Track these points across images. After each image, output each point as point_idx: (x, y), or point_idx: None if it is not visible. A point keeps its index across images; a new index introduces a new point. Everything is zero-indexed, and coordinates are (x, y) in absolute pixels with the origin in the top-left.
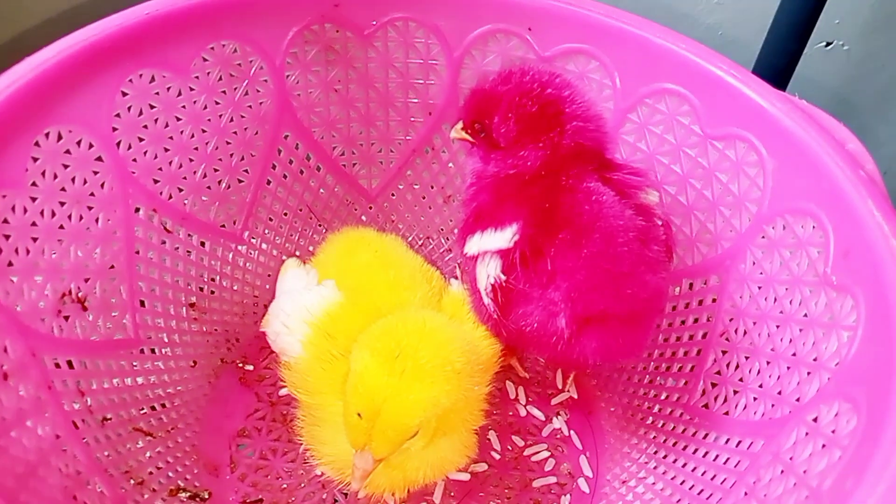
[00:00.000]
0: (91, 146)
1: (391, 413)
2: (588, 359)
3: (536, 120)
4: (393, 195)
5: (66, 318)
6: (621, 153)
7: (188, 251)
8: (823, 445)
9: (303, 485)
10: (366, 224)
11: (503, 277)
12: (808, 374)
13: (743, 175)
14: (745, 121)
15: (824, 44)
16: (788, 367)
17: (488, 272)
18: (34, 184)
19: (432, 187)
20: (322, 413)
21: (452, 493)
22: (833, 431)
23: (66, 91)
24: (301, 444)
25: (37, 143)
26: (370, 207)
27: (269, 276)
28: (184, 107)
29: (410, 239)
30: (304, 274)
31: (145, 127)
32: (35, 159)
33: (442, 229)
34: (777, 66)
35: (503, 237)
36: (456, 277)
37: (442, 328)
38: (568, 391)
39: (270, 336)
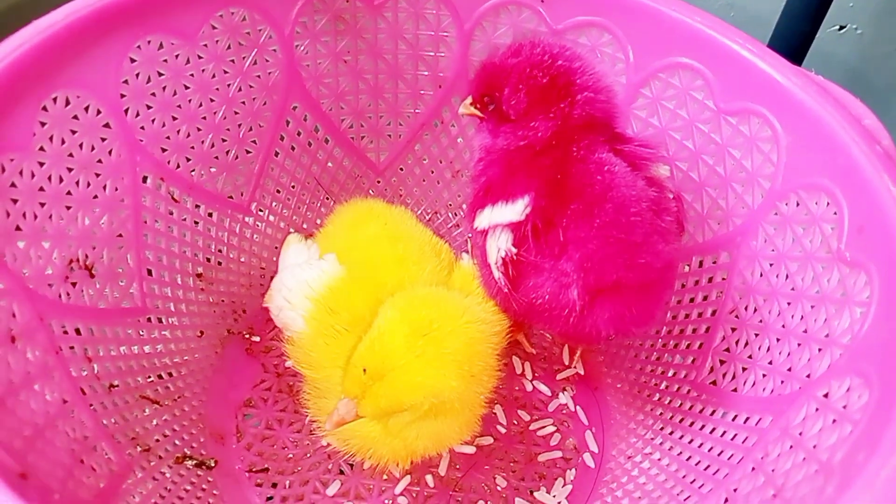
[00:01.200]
0: (99, 112)
1: (393, 384)
2: (601, 330)
3: (547, 91)
4: (401, 169)
5: (74, 284)
6: (633, 128)
7: (195, 221)
8: (834, 420)
9: (309, 455)
10: (373, 198)
11: (514, 250)
12: (819, 350)
13: (756, 150)
14: (760, 95)
15: (837, 27)
16: (799, 344)
17: (499, 245)
18: (42, 148)
19: (441, 161)
20: (327, 385)
21: (458, 466)
22: (844, 407)
23: (73, 56)
24: (307, 414)
25: (44, 108)
26: (378, 181)
27: (276, 247)
28: (192, 75)
29: (418, 213)
30: (306, 249)
31: (153, 94)
32: (43, 124)
33: (450, 204)
34: (790, 48)
35: (514, 210)
36: (466, 252)
37: (478, 325)
38: (574, 367)
39: (273, 311)
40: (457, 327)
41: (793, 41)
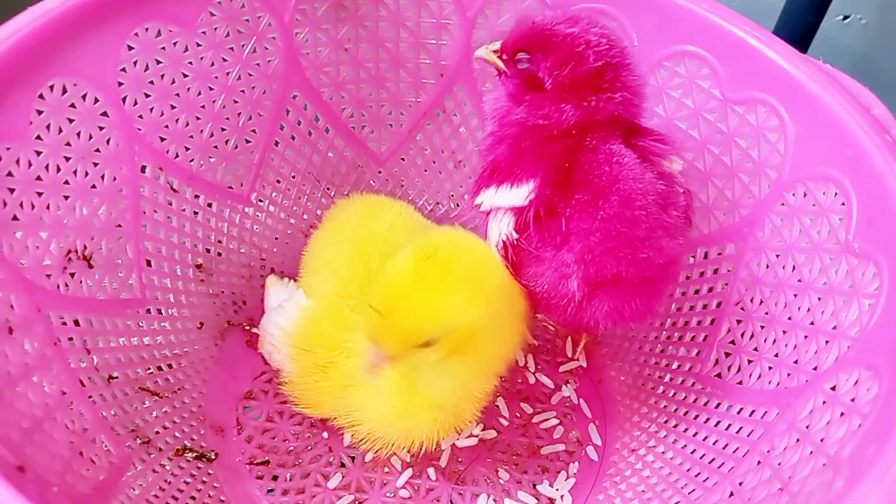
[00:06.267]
0: (96, 101)
1: (406, 312)
2: (599, 323)
3: (593, 76)
4: (403, 159)
5: (72, 275)
6: None
7: (195, 212)
8: (842, 414)
9: (310, 448)
10: (375, 189)
11: (515, 236)
12: (827, 342)
13: (763, 140)
14: (768, 84)
15: (841, 17)
16: (806, 336)
17: (500, 229)
18: (39, 137)
19: (443, 152)
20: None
21: (460, 459)
22: (852, 400)
23: (71, 43)
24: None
25: (41, 96)
26: (379, 172)
27: (276, 239)
28: (191, 63)
29: (420, 204)
30: (284, 288)
31: (151, 83)
32: (39, 112)
33: (452, 195)
34: (794, 38)
35: (518, 194)
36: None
37: (486, 249)
38: (577, 359)
39: (266, 357)
40: (462, 250)
41: (797, 31)
